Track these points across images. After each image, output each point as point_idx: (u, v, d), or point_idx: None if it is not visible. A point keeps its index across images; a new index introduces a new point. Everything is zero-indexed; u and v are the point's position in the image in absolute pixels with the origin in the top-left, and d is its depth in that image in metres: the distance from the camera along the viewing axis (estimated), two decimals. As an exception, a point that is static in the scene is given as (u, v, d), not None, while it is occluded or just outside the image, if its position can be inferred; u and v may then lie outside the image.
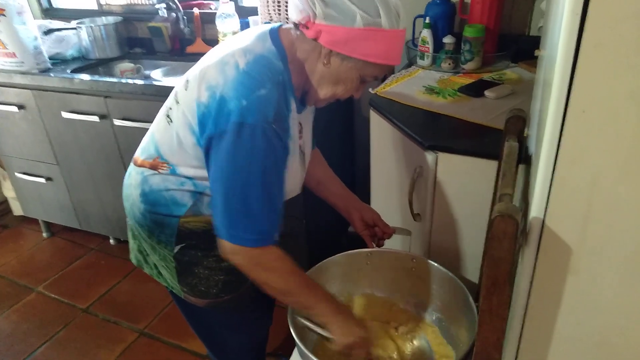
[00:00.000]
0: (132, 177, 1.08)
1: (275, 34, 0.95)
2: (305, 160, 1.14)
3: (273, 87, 0.89)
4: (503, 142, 0.96)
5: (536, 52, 0.88)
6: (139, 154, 1.08)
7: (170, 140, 0.98)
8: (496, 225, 0.64)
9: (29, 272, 2.23)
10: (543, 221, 0.67)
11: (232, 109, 0.86)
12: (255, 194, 0.89)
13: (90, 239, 2.41)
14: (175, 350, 1.78)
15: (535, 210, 0.67)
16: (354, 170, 2.20)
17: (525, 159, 0.90)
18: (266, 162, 0.88)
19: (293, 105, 0.98)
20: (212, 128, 0.88)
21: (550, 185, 0.64)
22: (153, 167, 1.03)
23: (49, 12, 2.53)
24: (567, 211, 0.64)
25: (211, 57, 0.97)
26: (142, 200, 1.05)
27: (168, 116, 1.01)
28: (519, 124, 0.93)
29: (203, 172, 0.96)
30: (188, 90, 0.96)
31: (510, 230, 0.64)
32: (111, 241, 2.39)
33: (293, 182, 1.11)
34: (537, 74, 0.94)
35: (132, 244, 1.21)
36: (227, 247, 0.92)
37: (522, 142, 0.94)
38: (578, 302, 0.70)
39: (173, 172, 0.99)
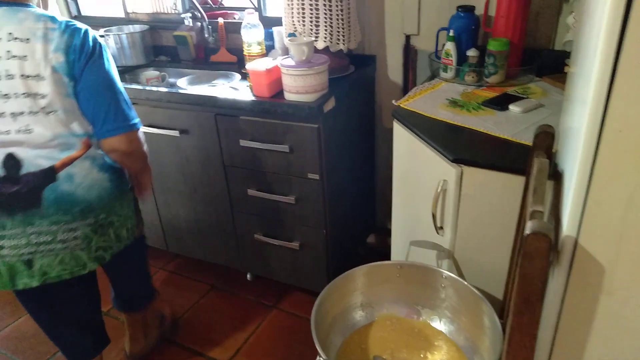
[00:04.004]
0: (79, 177, 1.25)
1: None
2: None
3: None
4: (531, 157, 0.96)
5: (566, 69, 0.88)
6: (49, 162, 1.21)
7: (65, 121, 1.20)
8: (529, 243, 0.64)
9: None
10: (576, 240, 0.67)
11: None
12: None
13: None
14: (196, 356, 1.79)
15: (568, 228, 0.67)
16: (374, 181, 2.20)
17: (554, 175, 0.90)
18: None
19: None
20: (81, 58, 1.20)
21: (584, 204, 0.64)
22: (86, 146, 1.25)
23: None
24: (602, 230, 0.64)
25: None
26: (106, 176, 1.31)
27: (44, 112, 1.19)
28: (547, 139, 0.93)
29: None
30: (34, 78, 1.16)
31: (543, 248, 0.64)
32: (132, 245, 2.42)
33: None
34: (566, 90, 0.94)
35: (91, 250, 1.31)
36: (127, 138, 1.28)
37: (551, 158, 0.94)
38: (611, 322, 0.69)
39: (92, 136, 1.26)
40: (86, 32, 1.23)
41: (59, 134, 1.21)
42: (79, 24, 1.24)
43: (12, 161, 1.18)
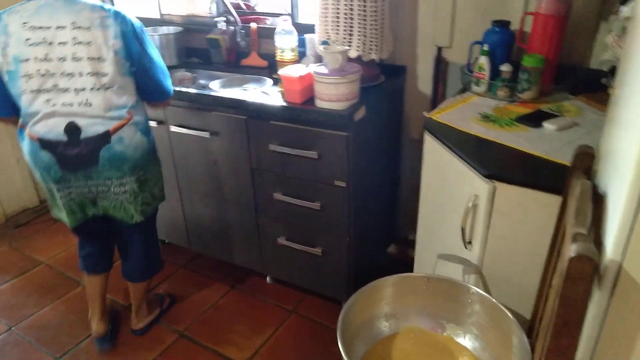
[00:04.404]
0: (127, 140, 1.49)
1: None
2: None
3: None
4: (570, 177, 0.95)
5: (610, 90, 0.87)
6: (104, 128, 1.45)
7: (119, 95, 1.46)
8: (573, 266, 0.63)
9: (75, 266, 2.30)
10: (620, 264, 0.66)
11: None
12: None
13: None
14: (213, 355, 1.81)
15: (613, 252, 0.67)
16: (398, 191, 2.20)
17: (593, 196, 0.89)
18: None
19: None
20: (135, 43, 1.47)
21: (631, 229, 0.63)
22: (132, 115, 1.50)
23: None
24: (648, 257, 0.63)
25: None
26: (146, 139, 1.56)
27: (103, 88, 1.43)
28: (587, 160, 0.92)
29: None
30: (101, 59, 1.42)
31: (587, 272, 0.63)
32: (154, 242, 2.46)
33: None
34: (609, 111, 0.93)
35: (138, 204, 1.59)
36: (162, 104, 1.69)
37: (589, 178, 0.93)
38: (653, 351, 0.68)
39: (137, 103, 1.53)
40: (131, 20, 1.49)
41: (113, 106, 1.45)
42: (122, 11, 1.48)
43: (73, 128, 1.42)
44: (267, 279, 2.18)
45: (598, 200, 0.84)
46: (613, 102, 0.89)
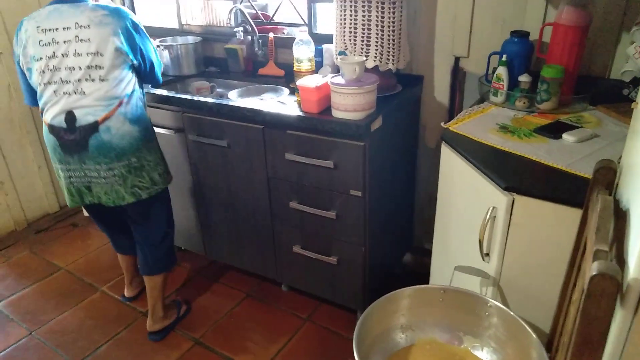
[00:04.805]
0: (115, 129, 1.60)
1: None
2: None
3: None
4: (590, 192, 0.94)
5: (633, 105, 0.86)
6: (95, 117, 1.57)
7: (112, 87, 1.58)
8: (595, 284, 0.63)
9: (94, 272, 2.36)
10: (643, 283, 0.65)
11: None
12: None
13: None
14: (227, 362, 1.82)
15: (635, 271, 0.66)
16: (414, 200, 2.19)
17: (615, 211, 0.88)
18: None
19: None
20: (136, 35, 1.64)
21: (655, 248, 0.63)
22: (120, 106, 1.60)
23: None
24: (673, 276, 0.63)
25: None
26: (135, 128, 1.64)
27: (99, 80, 1.58)
28: (609, 175, 0.91)
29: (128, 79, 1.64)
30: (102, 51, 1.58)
31: (610, 290, 0.63)
32: (171, 248, 2.49)
33: None
34: (633, 125, 0.92)
35: (127, 186, 1.67)
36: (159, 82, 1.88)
37: (611, 191, 0.92)
38: (677, 371, 0.67)
39: (128, 96, 1.63)
40: (128, 14, 1.64)
41: (105, 97, 1.58)
42: (122, 8, 1.65)
43: (70, 117, 1.57)
44: (282, 286, 2.18)
45: (620, 216, 0.83)
46: (636, 116, 0.88)
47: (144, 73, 1.73)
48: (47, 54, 1.56)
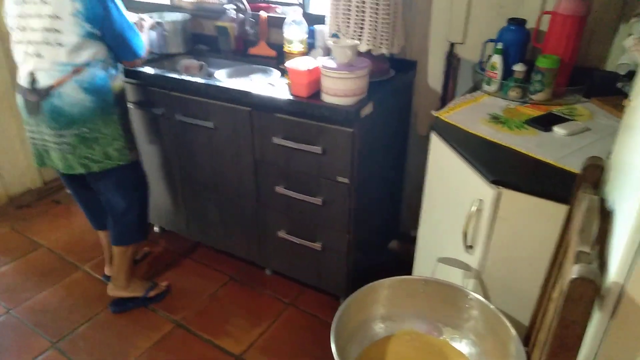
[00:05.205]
0: (66, 96, 1.57)
1: None
2: None
3: None
4: (577, 189, 0.92)
5: (625, 102, 0.83)
6: (51, 81, 1.57)
7: (70, 54, 1.56)
8: (573, 288, 0.61)
9: (76, 250, 2.33)
10: (623, 287, 0.63)
11: None
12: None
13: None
14: (209, 346, 1.81)
15: (616, 274, 0.64)
16: (402, 187, 2.17)
17: (601, 209, 0.85)
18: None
19: None
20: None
21: (637, 252, 0.60)
22: (75, 73, 1.57)
23: (125, 3, 2.62)
24: (654, 282, 0.61)
25: None
26: (89, 97, 1.60)
27: (56, 43, 1.56)
28: (596, 173, 0.89)
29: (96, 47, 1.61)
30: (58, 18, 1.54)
31: (588, 295, 0.61)
32: (156, 229, 2.46)
33: None
34: (624, 121, 0.89)
35: (77, 156, 1.66)
36: (132, 64, 1.81)
37: (597, 189, 0.90)
38: (652, 376, 0.65)
39: (88, 65, 1.59)
40: None
41: (60, 62, 1.56)
42: None
43: (32, 78, 1.58)
44: (266, 270, 2.17)
45: (606, 216, 0.80)
46: (628, 113, 0.85)
47: (112, 46, 1.66)
48: (17, 13, 1.59)
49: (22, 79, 1.61)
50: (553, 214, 1.05)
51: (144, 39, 1.85)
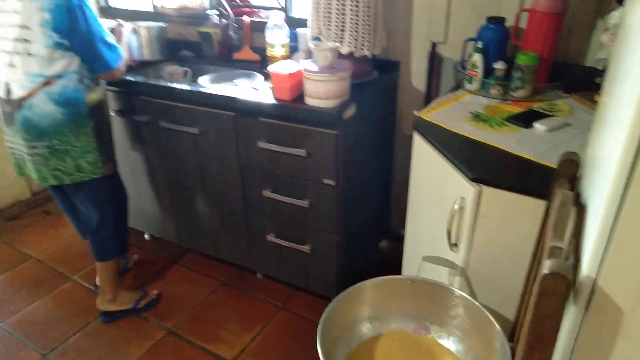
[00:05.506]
0: (37, 107, 1.57)
1: None
2: None
3: None
4: (554, 185, 0.93)
5: (596, 97, 0.85)
6: (23, 92, 1.56)
7: (41, 65, 1.54)
8: (546, 283, 0.62)
9: (66, 261, 2.32)
10: (595, 280, 0.65)
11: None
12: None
13: (126, 233, 2.47)
14: (201, 352, 1.81)
15: (588, 268, 0.65)
16: (390, 187, 2.18)
17: (577, 201, 0.87)
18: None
19: None
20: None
21: (607, 245, 0.62)
22: (45, 85, 1.56)
23: (106, 11, 2.63)
24: (623, 275, 0.62)
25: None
26: (59, 109, 1.58)
27: (26, 54, 1.54)
28: (572, 168, 0.90)
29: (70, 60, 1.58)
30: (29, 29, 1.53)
31: (560, 289, 0.62)
32: (146, 236, 2.45)
33: None
34: (597, 117, 0.90)
35: (49, 168, 1.65)
36: (107, 76, 1.71)
37: (574, 184, 0.91)
38: (626, 368, 0.66)
39: (60, 77, 1.57)
40: None
41: (33, 73, 1.55)
42: None
43: (7, 88, 1.59)
44: (258, 274, 2.17)
45: (581, 210, 0.81)
46: (600, 109, 0.87)
47: (83, 57, 1.61)
48: None
49: (0, 89, 1.61)
50: (533, 210, 1.06)
51: (123, 49, 1.81)
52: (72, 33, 1.55)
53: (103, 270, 1.89)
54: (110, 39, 1.67)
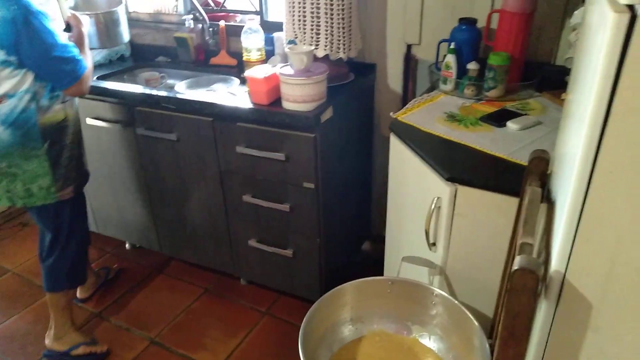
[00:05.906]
0: None
1: None
2: None
3: None
4: (524, 182, 0.95)
5: (563, 96, 0.87)
6: None
7: None
8: (516, 279, 0.63)
9: (45, 272, 2.27)
10: (564, 275, 0.66)
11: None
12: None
13: (106, 243, 2.44)
14: (184, 360, 1.79)
15: (557, 263, 0.66)
16: (371, 188, 2.19)
17: (548, 198, 0.89)
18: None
19: None
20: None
21: (574, 241, 0.63)
22: None
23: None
24: (590, 268, 0.63)
25: None
26: (7, 131, 1.48)
27: None
28: (541, 165, 0.92)
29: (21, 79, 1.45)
30: None
31: (530, 285, 0.63)
32: (127, 246, 2.42)
33: None
34: (565, 112, 0.93)
35: (2, 189, 1.57)
36: (69, 91, 1.54)
37: (545, 181, 0.93)
38: (597, 358, 0.68)
39: (10, 96, 1.45)
40: (17, 7, 1.37)
41: None
42: None
43: None
44: (241, 280, 2.16)
45: (550, 207, 0.83)
46: (566, 107, 0.89)
47: (38, 74, 1.48)
48: None
49: None
50: (507, 207, 1.08)
51: (86, 55, 1.62)
52: (20, 49, 1.41)
53: (50, 302, 1.74)
54: (70, 51, 1.50)
